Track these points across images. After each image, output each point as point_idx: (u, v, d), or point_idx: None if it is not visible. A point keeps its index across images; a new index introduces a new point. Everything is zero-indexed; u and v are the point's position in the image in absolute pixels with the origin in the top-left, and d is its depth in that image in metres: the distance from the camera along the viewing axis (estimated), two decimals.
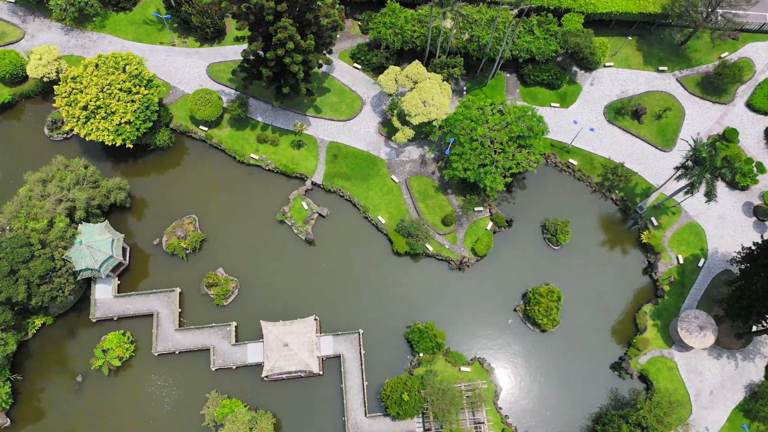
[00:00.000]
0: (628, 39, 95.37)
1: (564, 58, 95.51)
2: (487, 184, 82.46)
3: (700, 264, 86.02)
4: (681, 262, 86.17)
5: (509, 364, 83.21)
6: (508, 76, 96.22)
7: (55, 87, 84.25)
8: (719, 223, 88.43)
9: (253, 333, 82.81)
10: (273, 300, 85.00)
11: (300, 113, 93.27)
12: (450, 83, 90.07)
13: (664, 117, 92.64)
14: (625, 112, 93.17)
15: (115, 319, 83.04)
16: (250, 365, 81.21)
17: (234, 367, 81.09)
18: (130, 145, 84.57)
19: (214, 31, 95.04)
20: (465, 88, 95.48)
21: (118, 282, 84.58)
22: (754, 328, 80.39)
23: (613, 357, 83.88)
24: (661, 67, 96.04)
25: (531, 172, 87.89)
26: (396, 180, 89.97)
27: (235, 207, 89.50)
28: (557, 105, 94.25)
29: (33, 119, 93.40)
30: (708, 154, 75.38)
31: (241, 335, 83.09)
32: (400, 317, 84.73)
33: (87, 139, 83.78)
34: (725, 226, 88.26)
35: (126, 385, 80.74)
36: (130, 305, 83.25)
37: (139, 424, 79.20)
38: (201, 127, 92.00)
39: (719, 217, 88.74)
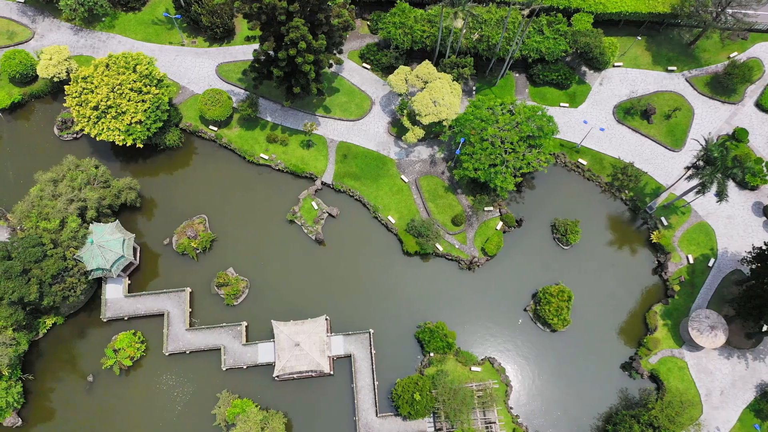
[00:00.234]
0: (637, 39, 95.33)
1: (573, 58, 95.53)
2: (498, 184, 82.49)
3: (710, 264, 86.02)
4: (691, 261, 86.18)
5: (519, 364, 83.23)
6: (517, 76, 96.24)
7: (65, 87, 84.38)
8: (729, 222, 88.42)
9: (263, 333, 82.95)
10: (283, 300, 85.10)
11: (309, 113, 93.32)
12: (460, 83, 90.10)
13: (673, 117, 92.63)
14: (634, 112, 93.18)
15: (125, 318, 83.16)
16: (261, 365, 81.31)
17: (245, 366, 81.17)
18: (141, 144, 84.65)
19: (223, 31, 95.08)
20: (474, 88, 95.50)
21: (129, 282, 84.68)
22: (765, 328, 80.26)
23: (623, 357, 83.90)
24: (670, 67, 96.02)
25: (540, 171, 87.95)
26: (406, 180, 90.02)
27: (245, 207, 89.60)
28: (566, 105, 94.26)
29: (43, 119, 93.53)
30: (720, 153, 75.39)
31: (251, 335, 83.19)
32: (410, 317, 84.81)
33: (97, 139, 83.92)
34: (735, 226, 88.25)
35: (137, 384, 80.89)
36: (140, 305, 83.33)
37: (150, 423, 79.34)
38: (211, 126, 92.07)
39: (729, 217, 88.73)
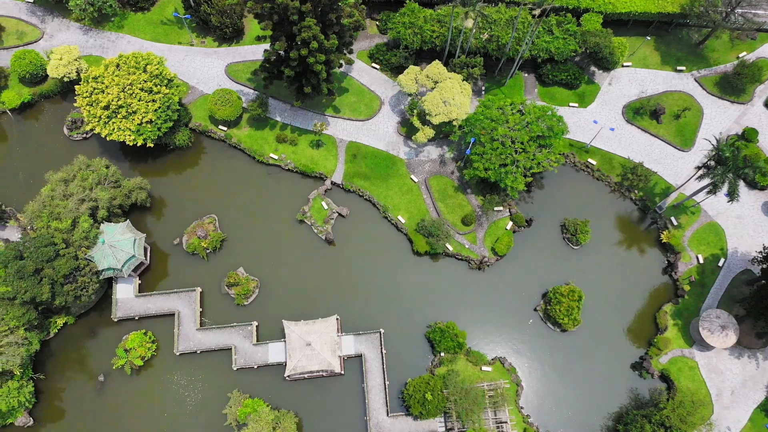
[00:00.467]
0: (646, 39, 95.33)
1: (582, 58, 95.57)
2: (508, 183, 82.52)
3: (720, 264, 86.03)
4: (701, 261, 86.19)
5: (530, 364, 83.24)
6: (526, 76, 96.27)
7: (76, 87, 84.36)
8: (738, 222, 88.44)
9: (274, 332, 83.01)
10: (293, 299, 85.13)
11: (319, 113, 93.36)
12: (470, 83, 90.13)
13: (682, 117, 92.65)
14: (643, 112, 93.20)
15: (136, 318, 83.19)
16: (272, 365, 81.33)
17: (255, 366, 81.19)
18: (151, 144, 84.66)
19: (232, 31, 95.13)
20: (483, 88, 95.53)
21: (139, 281, 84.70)
22: None
23: (633, 356, 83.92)
24: (679, 67, 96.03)
25: (549, 171, 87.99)
26: (415, 180, 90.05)
27: (255, 207, 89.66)
28: (576, 105, 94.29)
29: (52, 119, 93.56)
30: (731, 153, 75.40)
31: (262, 335, 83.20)
32: (420, 317, 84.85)
33: (108, 139, 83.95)
34: (744, 226, 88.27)
35: (148, 384, 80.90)
36: (151, 305, 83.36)
37: (161, 423, 79.37)
38: (220, 126, 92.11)
39: (738, 216, 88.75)
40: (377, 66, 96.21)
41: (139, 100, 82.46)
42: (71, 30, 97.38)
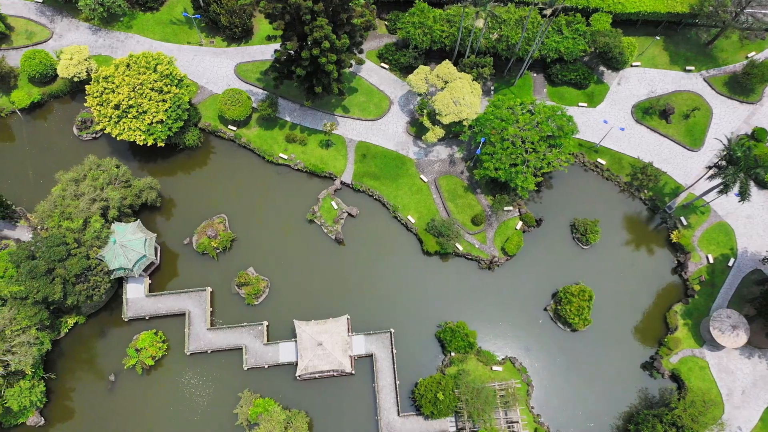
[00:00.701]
0: (656, 39, 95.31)
1: (591, 58, 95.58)
2: (519, 183, 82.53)
3: (730, 263, 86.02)
4: (711, 261, 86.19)
5: (540, 364, 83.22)
6: (535, 75, 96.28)
7: (86, 87, 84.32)
8: (748, 222, 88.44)
9: (284, 332, 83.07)
10: (303, 299, 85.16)
11: (328, 113, 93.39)
12: (479, 83, 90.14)
13: (692, 117, 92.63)
14: (653, 112, 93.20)
15: (146, 318, 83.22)
16: (282, 364, 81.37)
17: (266, 366, 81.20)
18: (162, 144, 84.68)
19: (242, 31, 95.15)
20: (492, 88, 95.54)
21: (150, 281, 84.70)
22: None
23: (643, 356, 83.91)
24: (687, 67, 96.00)
25: (559, 171, 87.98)
26: (425, 179, 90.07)
27: (264, 206, 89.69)
28: (585, 105, 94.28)
29: (62, 119, 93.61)
30: (743, 153, 75.39)
31: (272, 334, 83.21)
32: (430, 316, 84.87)
33: (118, 138, 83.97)
34: (754, 226, 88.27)
35: (159, 384, 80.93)
36: (161, 304, 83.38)
37: (172, 422, 79.42)
38: (230, 126, 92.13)
39: (748, 216, 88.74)
40: (386, 66, 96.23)
41: (149, 100, 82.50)
42: (80, 30, 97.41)
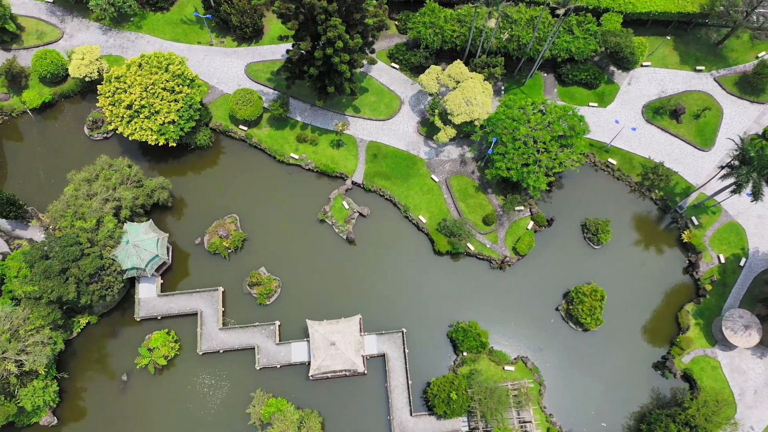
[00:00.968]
0: (666, 38, 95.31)
1: (601, 58, 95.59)
2: (531, 183, 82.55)
3: (741, 263, 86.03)
4: (722, 261, 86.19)
5: (552, 363, 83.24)
6: (545, 75, 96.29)
7: (98, 87, 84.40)
8: (759, 222, 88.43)
9: (296, 332, 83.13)
10: (315, 299, 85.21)
11: (339, 113, 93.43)
12: (491, 83, 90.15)
13: (702, 116, 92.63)
14: (663, 112, 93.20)
15: (158, 318, 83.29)
16: (294, 364, 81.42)
17: (278, 366, 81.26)
18: (174, 143, 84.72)
19: (252, 31, 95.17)
20: (503, 88, 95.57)
21: (162, 281, 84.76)
22: None
23: (655, 356, 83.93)
24: (698, 67, 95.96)
25: (569, 171, 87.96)
26: (436, 179, 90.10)
27: (275, 206, 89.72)
28: (595, 104, 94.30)
29: (73, 119, 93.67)
30: (756, 153, 75.39)
31: (284, 334, 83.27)
32: (442, 316, 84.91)
33: (130, 138, 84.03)
34: (765, 226, 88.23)
35: (171, 384, 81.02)
36: (173, 304, 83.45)
37: (184, 422, 79.48)
38: (241, 126, 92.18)
39: (759, 216, 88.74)
40: (397, 66, 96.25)
41: (161, 100, 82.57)
42: (91, 30, 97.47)
